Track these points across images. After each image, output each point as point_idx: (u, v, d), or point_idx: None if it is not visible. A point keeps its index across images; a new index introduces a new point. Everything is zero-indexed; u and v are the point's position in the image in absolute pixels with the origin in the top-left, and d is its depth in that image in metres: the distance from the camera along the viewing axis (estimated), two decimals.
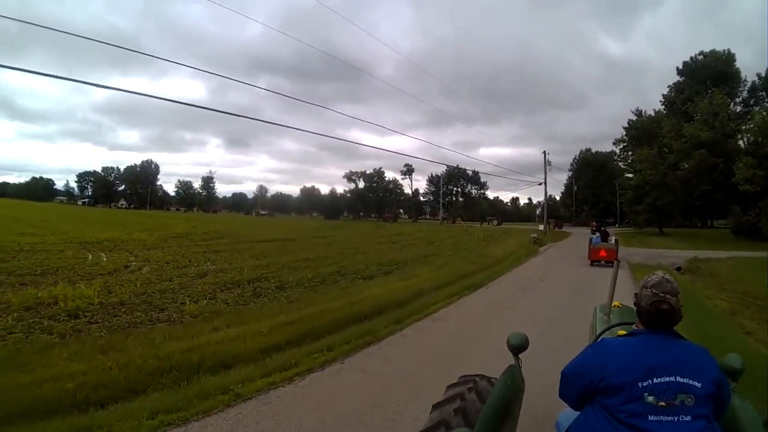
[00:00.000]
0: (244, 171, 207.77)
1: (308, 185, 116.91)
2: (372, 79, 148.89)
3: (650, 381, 1.63)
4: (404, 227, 53.80)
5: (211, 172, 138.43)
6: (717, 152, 34.99)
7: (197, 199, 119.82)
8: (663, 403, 1.61)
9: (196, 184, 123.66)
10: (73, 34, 10.49)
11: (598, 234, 20.71)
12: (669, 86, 45.00)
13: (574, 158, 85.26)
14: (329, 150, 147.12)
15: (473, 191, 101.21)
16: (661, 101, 46.07)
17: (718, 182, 36.03)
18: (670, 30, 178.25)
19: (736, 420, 1.88)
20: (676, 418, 1.60)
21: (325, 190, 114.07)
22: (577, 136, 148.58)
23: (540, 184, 44.26)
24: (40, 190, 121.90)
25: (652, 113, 47.98)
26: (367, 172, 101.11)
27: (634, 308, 1.89)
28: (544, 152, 44.13)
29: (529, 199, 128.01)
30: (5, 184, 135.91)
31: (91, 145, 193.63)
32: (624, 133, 52.90)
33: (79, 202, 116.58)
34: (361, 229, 43.82)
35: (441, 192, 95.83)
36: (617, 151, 59.51)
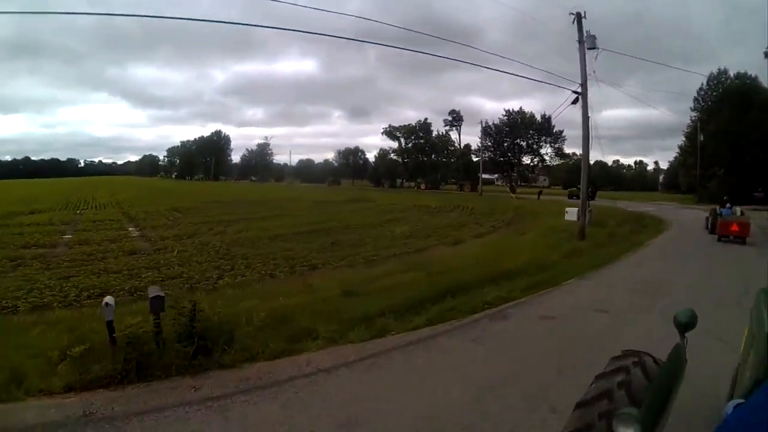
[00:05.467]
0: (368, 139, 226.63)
1: (350, 146, 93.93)
2: (484, 43, 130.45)
3: None
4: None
5: (266, 138, 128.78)
6: None
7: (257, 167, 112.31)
8: None
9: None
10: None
11: (728, 205, 17.24)
12: None
13: (700, 88, 51.15)
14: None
15: (545, 146, 67.97)
16: None
17: None
18: None
19: None
20: None
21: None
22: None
23: (575, 102, 16.04)
24: (146, 166, 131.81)
25: None
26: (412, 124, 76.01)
27: None
28: (578, 15, 16.41)
29: (656, 162, 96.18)
30: (128, 162, 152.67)
31: (221, 124, 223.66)
32: None
33: (173, 176, 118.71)
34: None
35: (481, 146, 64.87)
36: None
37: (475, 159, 67.50)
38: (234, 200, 36.77)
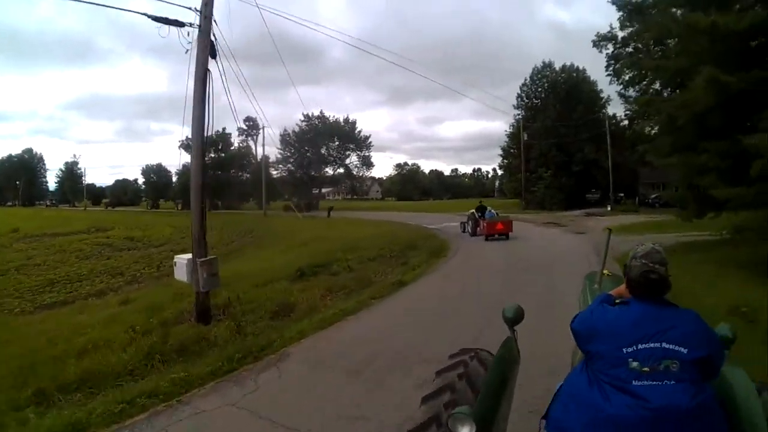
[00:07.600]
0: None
1: (152, 164, 76.85)
2: (323, 60, 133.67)
3: (635, 347, 1.61)
4: None
5: (74, 156, 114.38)
6: None
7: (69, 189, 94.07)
8: (647, 369, 1.58)
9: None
10: None
11: (489, 209, 19.75)
12: None
13: (524, 84, 46.24)
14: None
15: (351, 155, 60.35)
16: None
17: None
18: None
19: (728, 387, 1.78)
20: (660, 383, 1.56)
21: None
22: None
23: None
24: None
25: None
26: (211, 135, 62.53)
27: (624, 277, 1.96)
28: None
29: (494, 169, 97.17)
30: None
31: (59, 140, 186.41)
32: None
33: None
34: None
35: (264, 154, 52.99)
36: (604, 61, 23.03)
37: (274, 173, 57.11)
38: None
